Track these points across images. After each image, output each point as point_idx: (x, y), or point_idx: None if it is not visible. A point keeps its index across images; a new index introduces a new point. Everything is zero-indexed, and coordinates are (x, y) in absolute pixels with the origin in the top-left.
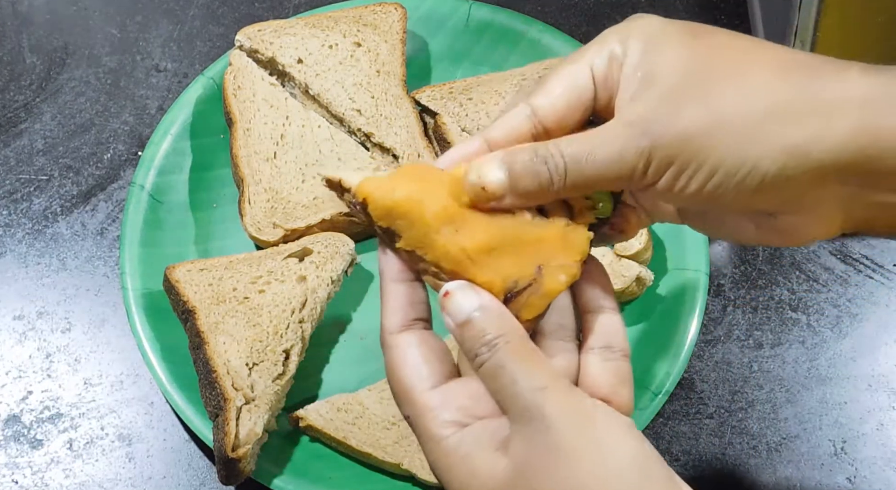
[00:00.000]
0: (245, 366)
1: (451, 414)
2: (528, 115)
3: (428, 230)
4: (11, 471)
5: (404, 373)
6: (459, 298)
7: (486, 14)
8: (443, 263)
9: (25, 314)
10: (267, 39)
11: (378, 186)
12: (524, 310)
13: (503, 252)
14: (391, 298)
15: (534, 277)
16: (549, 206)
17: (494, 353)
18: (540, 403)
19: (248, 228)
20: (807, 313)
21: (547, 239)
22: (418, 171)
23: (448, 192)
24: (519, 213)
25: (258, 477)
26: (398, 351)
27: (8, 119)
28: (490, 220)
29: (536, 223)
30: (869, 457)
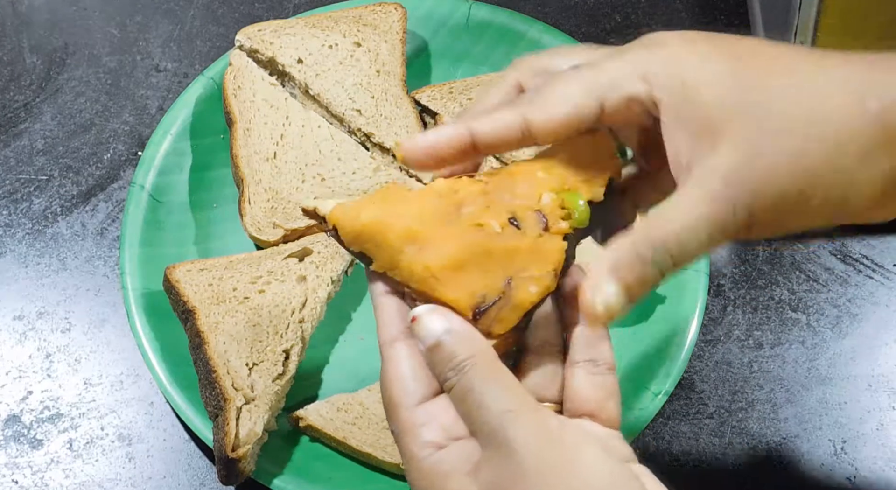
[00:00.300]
0: (245, 366)
1: (432, 434)
2: (519, 124)
3: (393, 252)
4: (11, 471)
5: (393, 387)
6: (426, 322)
7: (486, 14)
8: (411, 283)
9: (25, 314)
10: (267, 39)
11: (345, 212)
12: (495, 325)
13: (470, 267)
14: (382, 311)
15: (503, 291)
16: (521, 215)
17: (462, 376)
18: (505, 426)
19: (248, 228)
20: (807, 313)
21: (518, 251)
22: (387, 193)
23: (415, 210)
24: (487, 226)
25: (258, 477)
26: (391, 364)
27: (8, 119)
28: (457, 235)
29: (506, 235)
30: (869, 457)
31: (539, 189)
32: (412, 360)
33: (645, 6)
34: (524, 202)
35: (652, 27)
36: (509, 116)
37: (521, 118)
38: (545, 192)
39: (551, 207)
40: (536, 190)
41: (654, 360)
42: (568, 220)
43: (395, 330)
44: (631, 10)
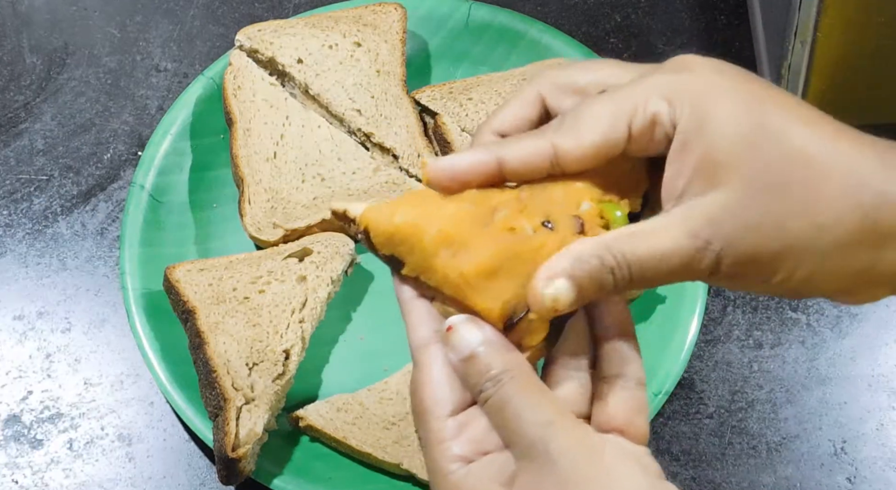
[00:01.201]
0: (245, 366)
1: (462, 447)
2: (549, 153)
3: (427, 255)
4: (11, 471)
5: (425, 393)
6: (463, 333)
7: (486, 14)
8: (444, 289)
9: (25, 314)
10: (267, 39)
11: (378, 214)
12: (526, 336)
13: (502, 274)
14: (412, 315)
15: None
16: (556, 218)
17: (500, 389)
18: (546, 439)
19: (248, 228)
20: (807, 313)
21: (548, 249)
22: (419, 196)
23: (449, 213)
24: (520, 229)
25: (258, 477)
26: (423, 368)
27: (8, 119)
28: (490, 239)
29: (538, 236)
30: (869, 457)
31: (578, 197)
32: (445, 367)
33: (645, 6)
34: (561, 208)
35: (652, 27)
36: (538, 144)
37: (550, 145)
38: (584, 200)
39: (589, 214)
40: (575, 197)
41: (654, 360)
42: (606, 229)
43: (426, 333)
44: (631, 10)
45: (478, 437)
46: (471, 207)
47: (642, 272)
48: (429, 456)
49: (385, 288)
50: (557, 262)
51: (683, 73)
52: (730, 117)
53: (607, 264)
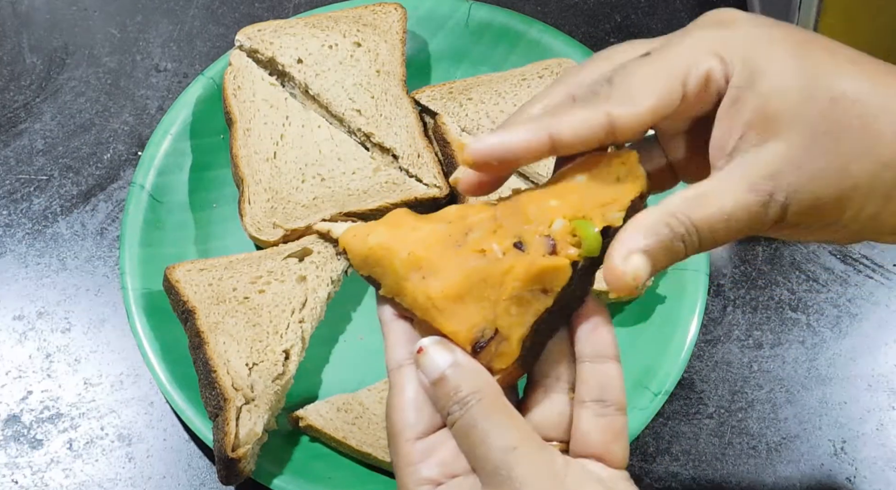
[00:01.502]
0: (245, 366)
1: (430, 470)
2: (604, 124)
3: (398, 278)
4: (11, 471)
5: (396, 416)
6: (433, 355)
7: (486, 14)
8: (415, 311)
9: (25, 314)
10: (267, 39)
11: (354, 236)
12: (495, 360)
13: (470, 297)
14: (389, 336)
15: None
16: (527, 240)
17: (466, 411)
18: (510, 464)
19: (248, 228)
20: (807, 313)
21: (517, 278)
22: (399, 217)
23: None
24: (489, 251)
25: (258, 477)
26: (396, 390)
27: (8, 119)
28: (459, 262)
29: (507, 259)
30: (869, 457)
31: (551, 215)
32: (416, 390)
33: (645, 6)
34: (534, 227)
35: (652, 27)
36: (591, 115)
37: (605, 115)
38: (557, 218)
39: (561, 233)
40: (548, 216)
41: (654, 360)
42: (578, 247)
43: (402, 355)
44: (631, 10)
45: (447, 460)
46: (444, 228)
47: (711, 234)
48: (399, 478)
49: None
50: (631, 239)
51: (726, 28)
52: (781, 69)
53: (677, 232)
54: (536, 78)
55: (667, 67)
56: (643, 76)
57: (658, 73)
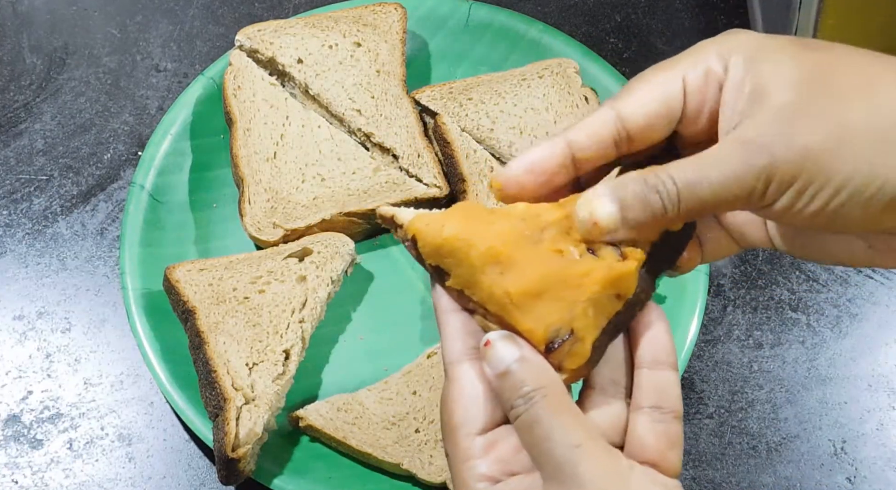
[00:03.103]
0: (245, 366)
1: (489, 466)
2: (612, 119)
3: (474, 270)
4: (11, 471)
5: (455, 410)
6: (499, 348)
7: (486, 14)
8: (488, 306)
9: (25, 314)
10: (267, 39)
11: (427, 224)
12: (567, 360)
13: (548, 296)
14: (448, 328)
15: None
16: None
17: (531, 407)
18: (574, 461)
19: (248, 228)
20: (807, 313)
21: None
22: (470, 209)
23: (499, 230)
24: (567, 252)
25: (258, 477)
26: (455, 384)
27: (8, 119)
28: (538, 260)
29: (584, 263)
30: (869, 457)
31: None
32: (478, 385)
33: (645, 6)
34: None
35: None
36: (600, 114)
37: (612, 112)
38: None
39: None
40: None
41: None
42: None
43: (461, 349)
44: (631, 10)
45: (506, 458)
46: (520, 224)
47: (691, 189)
48: (455, 473)
49: (385, 288)
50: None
51: (732, 35)
52: (776, 53)
53: (650, 183)
54: (536, 78)
55: (667, 68)
56: (646, 78)
57: (659, 74)
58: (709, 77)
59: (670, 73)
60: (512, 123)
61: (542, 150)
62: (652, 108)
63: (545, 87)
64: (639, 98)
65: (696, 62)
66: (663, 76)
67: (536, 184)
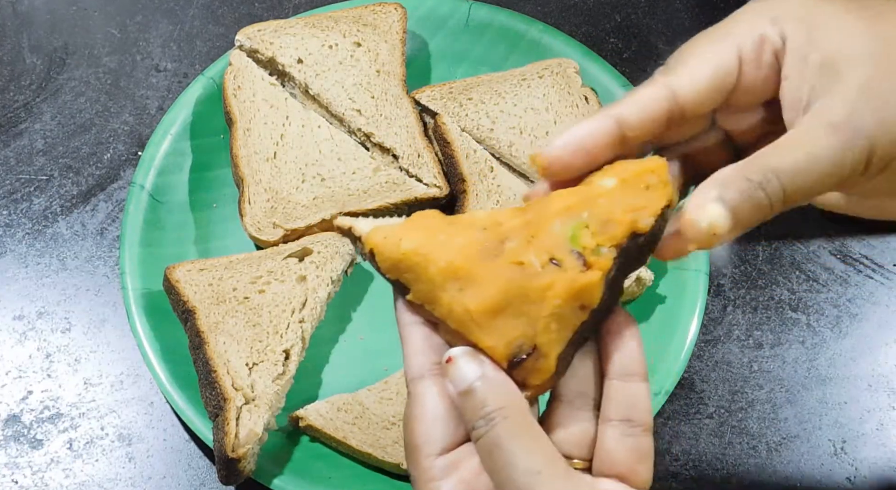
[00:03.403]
0: (245, 366)
1: (451, 488)
2: (665, 96)
3: (433, 286)
4: (11, 471)
5: (417, 429)
6: (462, 366)
7: (486, 14)
8: (449, 322)
9: (25, 314)
10: (267, 39)
11: (385, 238)
12: (531, 376)
13: (509, 312)
14: (410, 341)
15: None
16: (559, 256)
17: (492, 429)
18: (534, 488)
19: (248, 228)
20: (807, 313)
21: (558, 295)
22: (429, 219)
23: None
24: (528, 264)
25: (258, 477)
26: (417, 402)
27: (8, 119)
28: (498, 274)
29: (546, 276)
30: (869, 457)
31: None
32: (440, 403)
33: (645, 6)
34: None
35: (652, 27)
36: (651, 91)
37: (665, 88)
38: (583, 229)
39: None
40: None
41: (655, 359)
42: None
43: (423, 364)
44: (631, 10)
45: (468, 478)
46: (480, 236)
47: (794, 181)
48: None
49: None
50: (707, 188)
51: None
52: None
53: (754, 180)
54: (536, 78)
55: (720, 37)
56: (697, 50)
57: (712, 44)
58: (764, 45)
59: (723, 44)
60: (512, 123)
61: (589, 127)
62: (707, 83)
63: (545, 87)
64: (693, 72)
65: (750, 30)
66: (717, 47)
67: (583, 163)
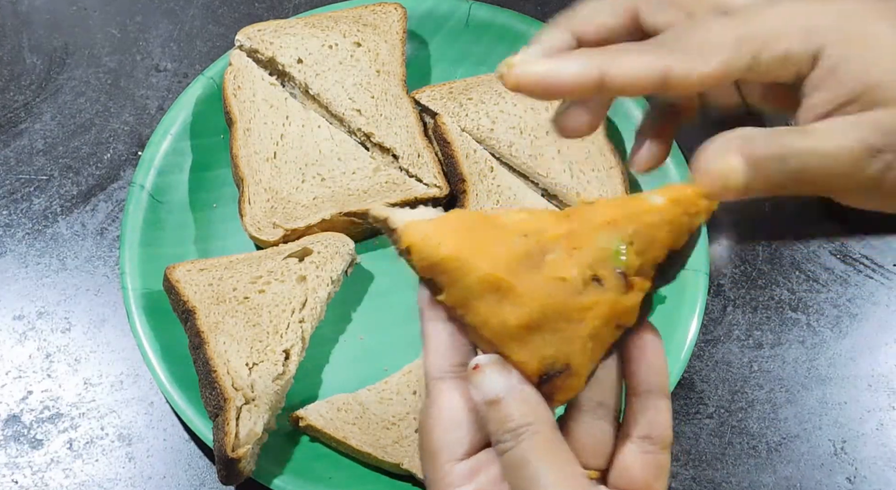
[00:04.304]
0: (245, 366)
1: None
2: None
3: (470, 293)
4: (11, 471)
5: (436, 432)
6: (489, 375)
7: (486, 14)
8: (482, 331)
9: (25, 314)
10: (267, 39)
11: (424, 237)
12: (559, 392)
13: (546, 329)
14: (432, 339)
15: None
16: (603, 274)
17: (519, 444)
18: None
19: (248, 228)
20: (807, 313)
21: (599, 316)
22: (469, 220)
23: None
24: (570, 280)
25: (258, 477)
26: (436, 404)
27: (8, 119)
28: (538, 290)
29: (588, 296)
30: (869, 457)
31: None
32: (460, 406)
33: None
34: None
35: None
36: (648, 62)
37: (663, 66)
38: (627, 246)
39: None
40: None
41: None
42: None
43: (445, 364)
44: None
45: (487, 487)
46: (521, 244)
47: (806, 166)
48: None
49: (385, 288)
50: (727, 140)
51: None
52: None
53: (776, 152)
54: None
55: (742, 35)
56: (714, 37)
57: (730, 39)
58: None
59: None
60: (512, 123)
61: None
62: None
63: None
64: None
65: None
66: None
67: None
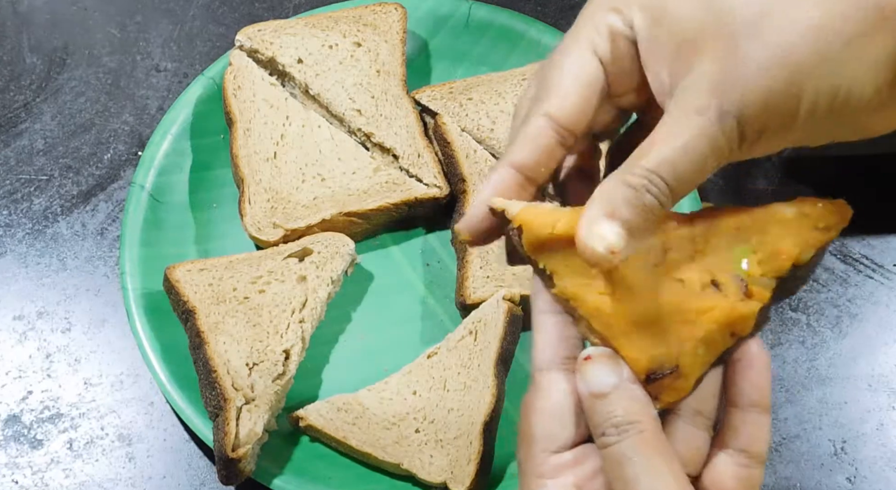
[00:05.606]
0: (245, 366)
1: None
2: (547, 125)
3: (581, 280)
4: (11, 471)
5: (537, 422)
6: (599, 368)
7: (486, 14)
8: (592, 322)
9: (25, 314)
10: (267, 39)
11: (538, 215)
12: (666, 393)
13: (659, 327)
14: (542, 332)
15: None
16: (722, 280)
17: (623, 440)
18: None
19: (248, 228)
20: (807, 313)
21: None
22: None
23: None
24: (689, 283)
25: (258, 477)
26: (540, 394)
27: (8, 119)
28: (656, 288)
29: (705, 300)
30: (869, 457)
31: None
32: (565, 399)
33: None
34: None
35: None
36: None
37: (546, 118)
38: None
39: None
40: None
41: None
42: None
43: (552, 356)
44: None
45: (579, 482)
46: None
47: (676, 174)
48: (523, 483)
49: (385, 288)
50: (592, 208)
51: None
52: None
53: (637, 184)
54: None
55: (573, 44)
56: (560, 65)
57: (569, 55)
58: (615, 38)
59: (579, 50)
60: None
61: (493, 186)
62: (578, 97)
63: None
64: (561, 92)
65: (596, 26)
66: (574, 57)
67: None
